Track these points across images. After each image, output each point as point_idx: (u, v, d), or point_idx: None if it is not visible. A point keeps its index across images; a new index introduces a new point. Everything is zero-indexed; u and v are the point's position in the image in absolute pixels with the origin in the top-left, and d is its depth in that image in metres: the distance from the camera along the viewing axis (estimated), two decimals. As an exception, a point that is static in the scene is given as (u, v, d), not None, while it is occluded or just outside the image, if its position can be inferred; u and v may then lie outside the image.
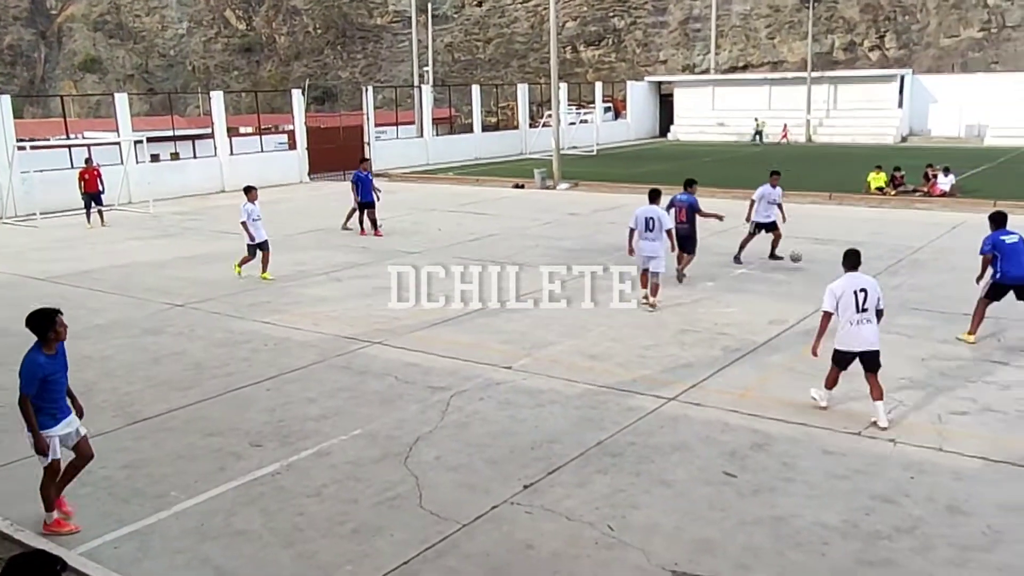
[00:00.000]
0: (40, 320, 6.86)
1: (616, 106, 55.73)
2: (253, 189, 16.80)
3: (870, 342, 8.91)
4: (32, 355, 6.81)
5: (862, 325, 8.89)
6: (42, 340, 6.85)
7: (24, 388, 6.74)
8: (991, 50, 59.46)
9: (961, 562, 6.44)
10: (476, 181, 33.40)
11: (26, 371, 6.75)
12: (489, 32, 75.99)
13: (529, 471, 8.07)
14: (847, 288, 8.96)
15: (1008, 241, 11.58)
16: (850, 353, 8.99)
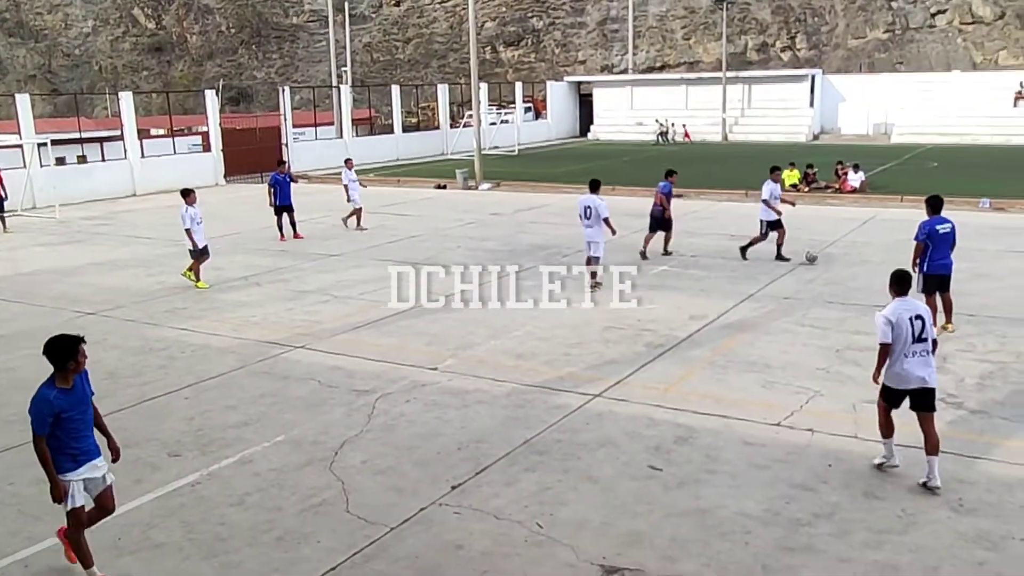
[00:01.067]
0: (59, 348, 5.98)
1: (536, 106, 56.04)
2: (191, 192, 16.01)
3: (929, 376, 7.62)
4: (43, 391, 5.96)
5: (920, 357, 7.60)
6: (59, 371, 5.99)
7: (36, 429, 5.94)
8: (896, 51, 61.77)
9: (877, 545, 6.65)
10: (398, 182, 33.17)
11: (35, 409, 5.94)
12: (408, 32, 75.58)
13: (457, 472, 8.04)
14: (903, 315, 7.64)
15: (941, 231, 11.67)
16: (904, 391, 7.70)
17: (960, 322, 12.36)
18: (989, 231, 19.68)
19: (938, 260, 11.66)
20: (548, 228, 21.59)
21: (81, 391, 6.13)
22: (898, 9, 62.26)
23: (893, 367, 7.65)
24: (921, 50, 61.03)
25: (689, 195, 26.83)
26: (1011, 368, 10.45)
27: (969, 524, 6.89)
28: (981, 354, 11.00)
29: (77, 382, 6.09)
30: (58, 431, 5.99)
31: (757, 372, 10.54)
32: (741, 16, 64.61)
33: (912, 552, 6.53)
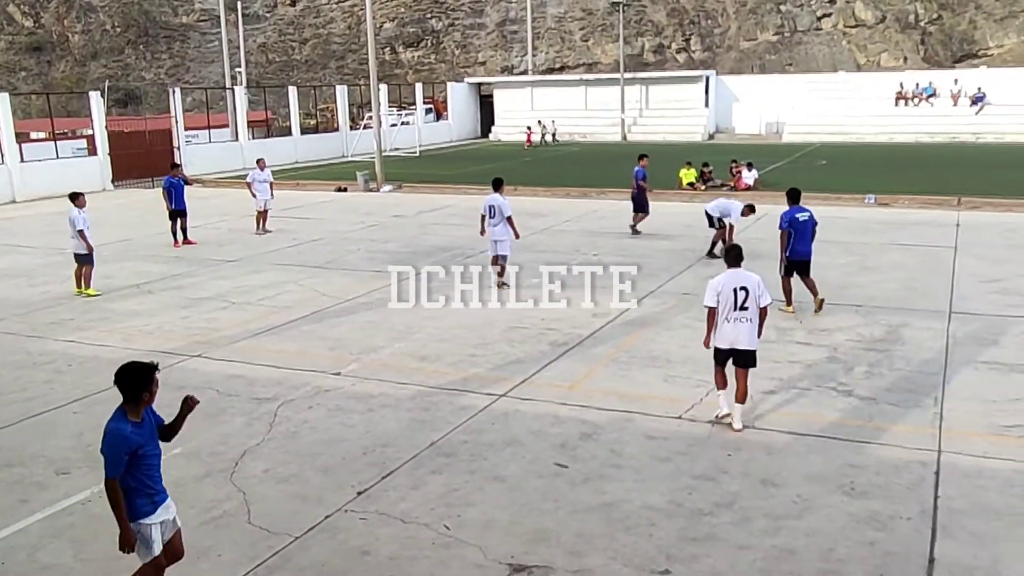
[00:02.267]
0: (135, 377, 5.41)
1: (437, 107, 55.86)
2: (81, 195, 15.71)
3: (749, 339, 8.71)
4: (118, 427, 5.33)
5: (739, 323, 8.67)
6: (131, 403, 5.41)
7: (110, 470, 5.29)
8: (785, 52, 64.02)
9: (775, 531, 6.85)
10: (296, 185, 32.54)
11: (111, 447, 5.27)
12: (304, 32, 74.30)
13: (362, 477, 7.93)
14: (726, 286, 8.71)
15: (801, 219, 12.87)
16: (726, 350, 8.81)
17: (848, 312, 12.88)
18: (874, 226, 20.57)
19: (800, 248, 12.88)
20: (451, 229, 21.54)
21: (150, 424, 5.58)
22: (786, 12, 64.58)
23: (719, 329, 8.77)
24: (809, 52, 63.44)
25: (590, 195, 27.24)
26: (896, 356, 10.93)
27: (860, 506, 7.17)
28: (869, 343, 11.48)
29: (145, 415, 5.54)
30: (134, 470, 5.38)
31: (659, 367, 10.74)
32: (637, 18, 65.90)
33: (808, 536, 6.75)
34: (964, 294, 13.91)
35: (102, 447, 5.33)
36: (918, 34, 62.17)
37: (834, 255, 17.17)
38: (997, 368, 10.42)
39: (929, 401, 9.42)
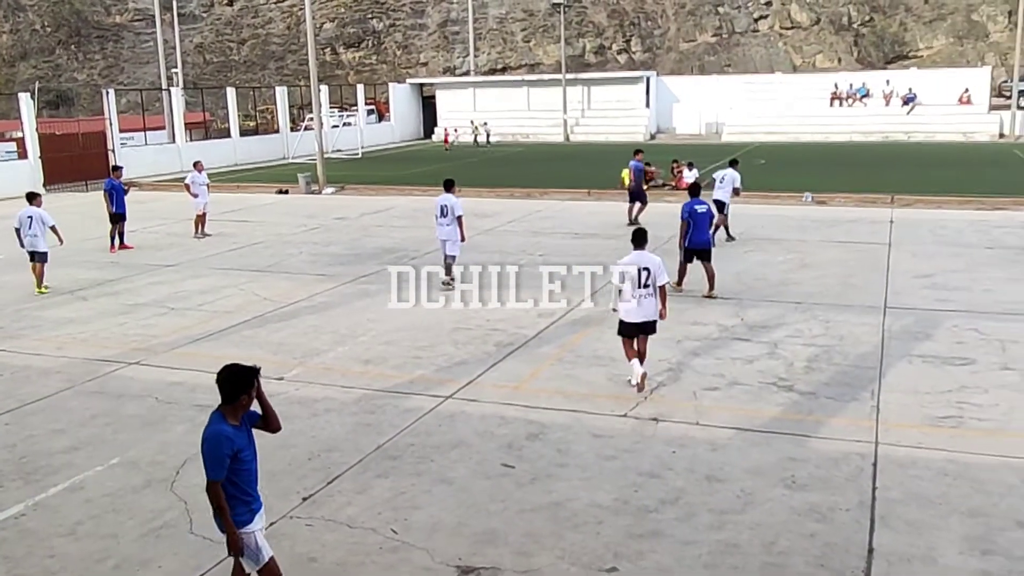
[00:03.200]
0: (236, 379, 5.24)
1: (379, 108, 55.54)
2: (37, 196, 16.43)
3: (652, 312, 9.76)
4: (218, 427, 5.19)
5: (644, 299, 9.70)
6: (229, 405, 5.26)
7: (212, 472, 5.17)
8: (724, 54, 65.08)
9: (719, 525, 6.95)
10: (236, 187, 32.05)
11: (212, 449, 5.14)
12: (243, 33, 73.23)
13: (307, 482, 7.83)
14: (631, 266, 9.73)
15: (699, 210, 13.87)
16: (634, 324, 9.75)
17: (788, 310, 13.13)
18: (812, 223, 21.01)
19: (698, 237, 13.82)
20: (395, 231, 21.42)
21: (248, 429, 5.42)
22: (724, 14, 65.65)
23: (628, 307, 9.74)
24: (746, 53, 64.59)
25: (534, 195, 27.32)
26: (835, 351, 11.18)
27: (801, 499, 7.31)
28: (808, 339, 11.71)
29: (243, 419, 5.38)
30: (232, 475, 5.24)
31: (604, 366, 10.82)
32: (579, 19, 66.35)
33: (751, 529, 6.86)
34: (898, 289, 14.28)
35: (202, 449, 5.21)
36: (851, 36, 63.72)
37: (773, 253, 17.51)
38: (930, 361, 10.71)
39: (866, 394, 9.64)
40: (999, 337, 11.52)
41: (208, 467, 5.19)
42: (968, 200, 23.24)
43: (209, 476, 5.19)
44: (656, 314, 9.81)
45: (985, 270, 15.58)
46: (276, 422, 5.66)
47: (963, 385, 9.85)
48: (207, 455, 5.19)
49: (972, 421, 8.86)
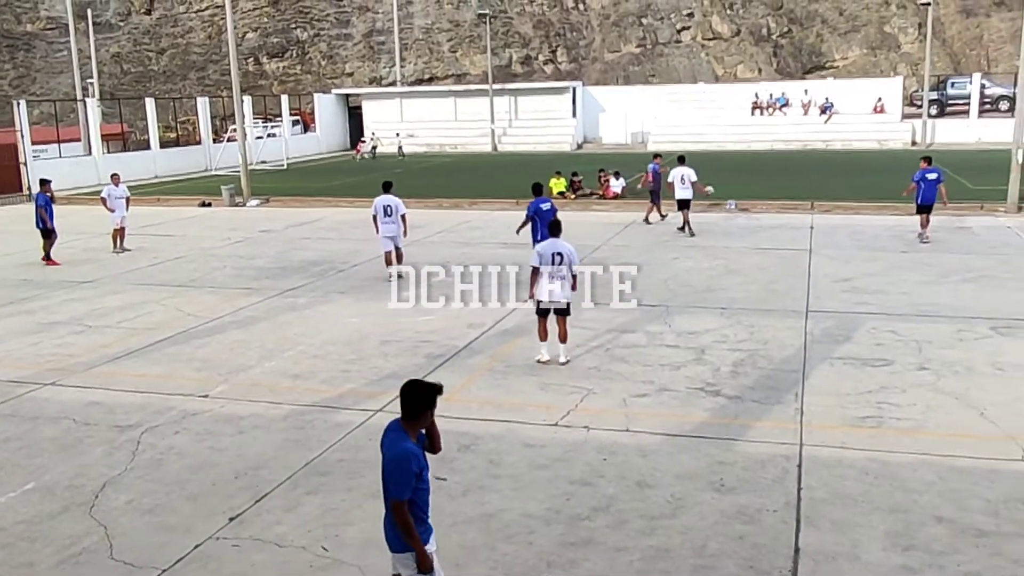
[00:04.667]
0: (424, 395, 5.03)
1: (304, 119, 54.83)
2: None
3: (564, 295, 10.83)
4: (406, 445, 4.94)
5: (556, 282, 10.80)
6: (411, 421, 5.03)
7: (400, 492, 4.90)
8: (648, 64, 66.14)
9: (651, 531, 7.00)
10: (157, 200, 31.25)
11: (402, 467, 4.88)
12: (162, 42, 71.57)
13: (234, 502, 7.65)
14: (547, 251, 10.85)
15: (544, 208, 14.91)
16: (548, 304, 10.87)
17: (713, 315, 13.37)
18: (735, 230, 21.45)
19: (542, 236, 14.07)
20: (321, 243, 21.15)
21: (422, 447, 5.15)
22: (648, 25, 66.75)
23: (541, 286, 10.85)
24: (670, 63, 65.77)
25: (462, 205, 27.29)
26: (759, 355, 11.40)
27: (729, 502, 7.42)
28: (733, 344, 11.93)
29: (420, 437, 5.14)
30: (413, 495, 4.98)
31: (535, 375, 10.84)
32: (504, 30, 66.69)
33: (682, 534, 6.94)
34: (819, 294, 14.66)
35: (389, 468, 4.93)
36: (770, 47, 65.41)
37: (699, 260, 17.81)
38: (851, 363, 11.01)
39: (790, 397, 9.86)
40: (915, 338, 11.91)
41: (396, 487, 4.92)
42: (884, 206, 24.01)
43: (396, 496, 4.92)
44: (568, 296, 10.89)
45: (901, 273, 16.11)
46: (439, 443, 5.41)
47: (882, 385, 10.15)
48: (396, 474, 4.91)
49: (892, 420, 9.13)
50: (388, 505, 5.01)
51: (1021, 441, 8.48)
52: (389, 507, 5.00)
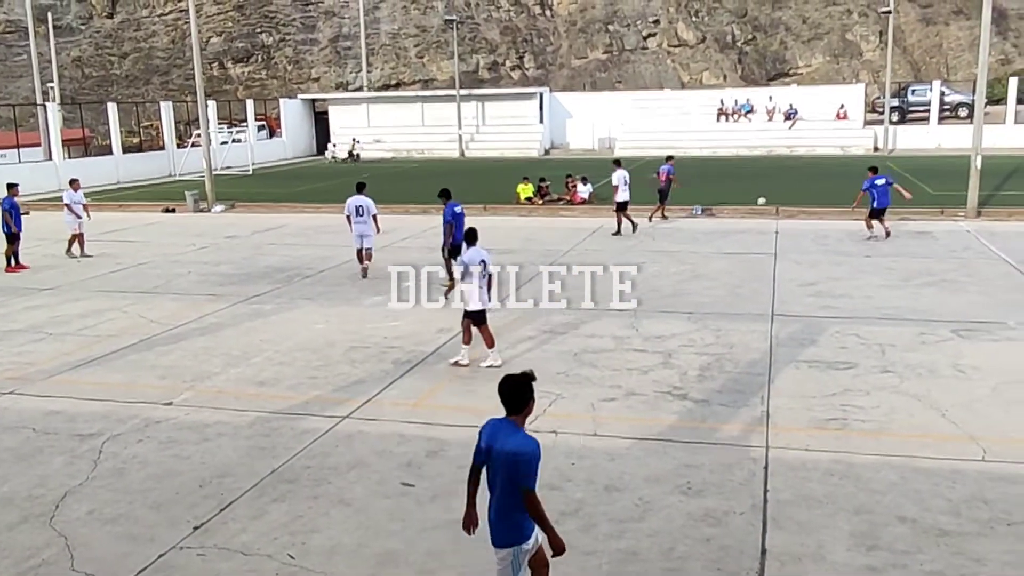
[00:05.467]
0: (524, 387, 5.27)
1: (270, 124, 54.43)
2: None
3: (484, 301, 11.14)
4: (532, 440, 5.19)
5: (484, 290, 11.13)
6: (518, 415, 5.27)
7: (533, 482, 5.13)
8: (615, 70, 66.53)
9: (619, 534, 7.02)
10: (119, 207, 30.83)
11: (534, 460, 5.13)
12: (124, 46, 70.72)
13: (199, 511, 7.54)
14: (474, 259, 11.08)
15: (458, 211, 15.72)
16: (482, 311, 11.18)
17: (680, 319, 13.45)
18: (702, 235, 21.61)
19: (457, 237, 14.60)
20: (287, 249, 20.98)
21: None
22: (615, 32, 67.17)
23: (465, 293, 11.14)
24: (636, 70, 66.22)
25: (430, 211, 27.21)
26: (726, 359, 11.49)
27: (697, 505, 7.45)
28: (700, 348, 12.01)
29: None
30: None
31: (502, 380, 10.80)
32: (472, 36, 66.72)
33: (650, 537, 6.96)
34: (784, 298, 14.81)
35: (525, 460, 5.11)
36: (735, 54, 66.10)
37: (666, 264, 17.91)
38: (816, 366, 11.13)
39: (756, 400, 9.94)
40: (878, 341, 12.07)
41: (530, 478, 5.13)
42: (847, 211, 24.31)
43: (530, 486, 5.13)
44: (484, 303, 11.17)
45: (864, 277, 16.32)
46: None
47: (847, 388, 10.26)
48: (533, 465, 5.14)
49: (856, 423, 9.23)
50: (507, 499, 5.19)
51: (982, 441, 8.62)
52: (513, 500, 5.17)
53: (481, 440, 5.40)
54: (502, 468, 5.18)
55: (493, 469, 5.29)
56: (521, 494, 5.15)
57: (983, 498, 7.47)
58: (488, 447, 5.31)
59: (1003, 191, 27.61)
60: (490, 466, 5.33)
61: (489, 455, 5.31)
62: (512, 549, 5.30)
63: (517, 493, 5.16)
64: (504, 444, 5.19)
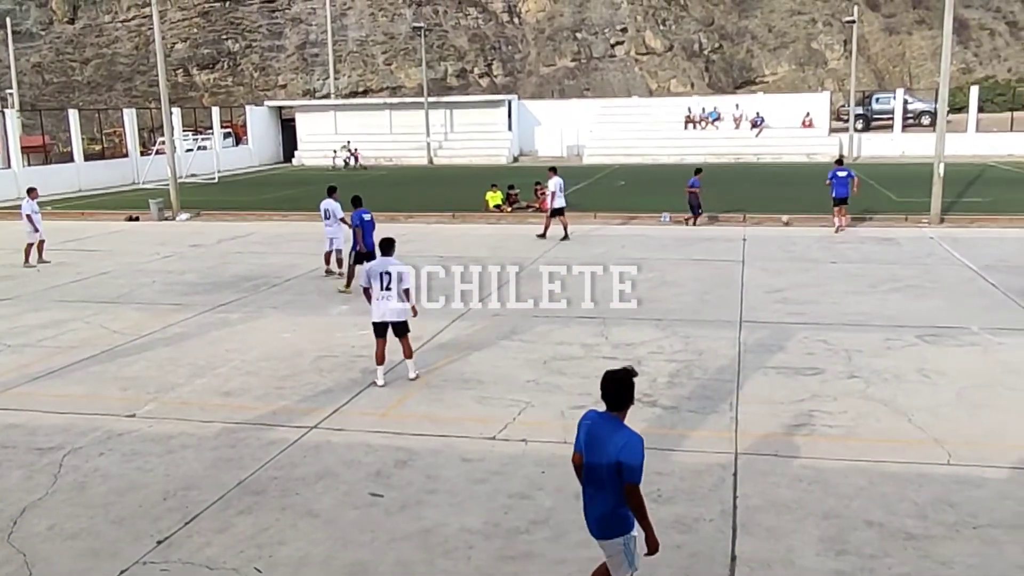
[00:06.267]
0: (627, 382, 5.36)
1: (236, 131, 53.98)
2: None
3: (396, 313, 10.71)
4: (635, 433, 5.27)
5: (385, 301, 10.64)
6: (621, 411, 5.36)
7: (638, 477, 5.19)
8: (583, 78, 66.84)
9: (588, 543, 6.90)
10: (81, 215, 30.36)
11: (641, 456, 5.19)
12: (86, 52, 69.81)
13: (163, 524, 7.40)
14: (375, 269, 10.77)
15: (367, 218, 16.16)
16: (380, 323, 10.77)
17: (649, 326, 13.47)
18: (670, 242, 21.70)
19: (368, 241, 15.64)
20: (254, 258, 20.76)
21: None
22: (582, 40, 67.51)
23: (373, 306, 10.76)
24: (604, 78, 66.57)
25: (398, 219, 27.11)
26: (695, 365, 11.52)
27: (667, 512, 7.44)
28: (669, 355, 12.03)
29: None
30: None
31: (472, 389, 10.77)
32: (440, 43, 66.69)
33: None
34: (753, 304, 14.89)
35: (634, 454, 5.18)
36: (702, 62, 66.69)
37: (635, 271, 17.92)
38: (784, 372, 11.19)
39: (725, 406, 9.96)
40: (845, 347, 12.17)
41: (636, 472, 5.19)
42: (814, 217, 24.57)
43: (636, 481, 5.20)
44: (400, 315, 10.72)
45: (831, 284, 16.47)
46: None
47: (814, 394, 10.33)
48: (637, 462, 5.19)
49: (823, 428, 9.29)
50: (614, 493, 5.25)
51: (947, 445, 8.71)
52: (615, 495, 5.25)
53: (581, 432, 5.49)
54: (608, 463, 5.23)
55: (595, 464, 5.32)
56: (624, 488, 5.22)
57: (949, 501, 7.54)
58: (591, 440, 5.37)
59: (965, 198, 28.04)
60: (591, 460, 5.36)
61: (591, 449, 5.35)
62: (624, 538, 5.38)
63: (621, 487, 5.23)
64: (610, 439, 5.26)
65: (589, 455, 5.38)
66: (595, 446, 5.33)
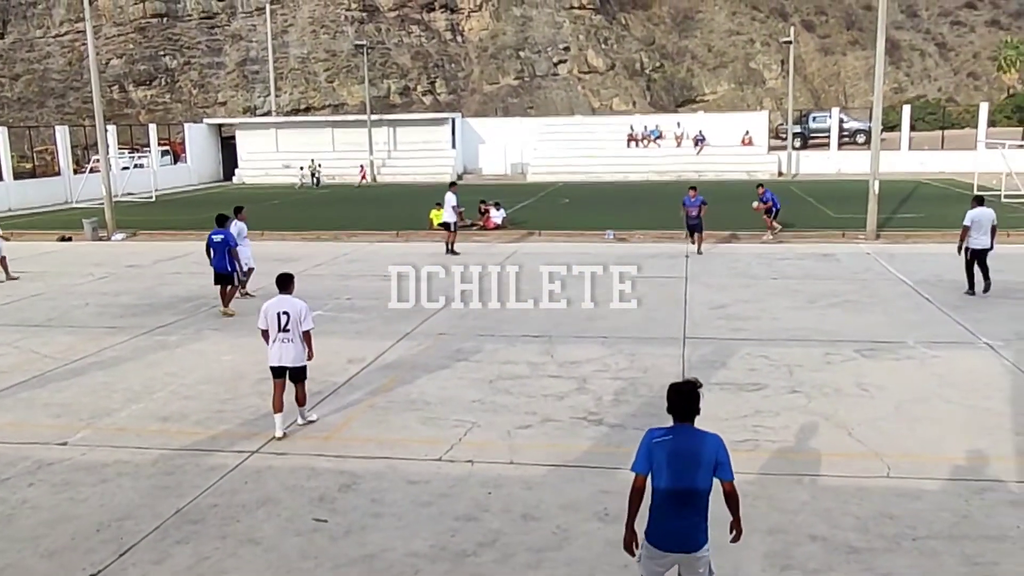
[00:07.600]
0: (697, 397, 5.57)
1: (175, 149, 53.07)
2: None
3: (293, 358, 9.73)
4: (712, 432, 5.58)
5: (281, 344, 9.71)
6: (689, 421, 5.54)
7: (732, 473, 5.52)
8: (526, 96, 67.23)
9: (537, 564, 6.92)
10: (10, 235, 29.36)
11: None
12: (16, 67, 68.05)
13: (96, 557, 7.14)
14: (272, 309, 9.78)
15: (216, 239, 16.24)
16: (277, 367, 9.79)
17: (595, 344, 13.49)
18: (614, 260, 21.80)
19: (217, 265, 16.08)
20: (193, 278, 20.33)
21: None
22: (526, 58, 67.97)
23: (270, 349, 9.79)
24: (548, 96, 67.08)
25: (341, 237, 26.87)
26: (640, 383, 11.55)
27: (615, 531, 7.35)
28: (615, 373, 12.05)
29: None
30: None
31: (417, 410, 10.64)
32: (383, 60, 66.53)
33: (568, 565, 6.88)
34: (696, 321, 15.03)
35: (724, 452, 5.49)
36: (644, 81, 67.62)
37: (581, 290, 17.96)
38: (727, 388, 11.28)
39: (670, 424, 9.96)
40: (786, 362, 12.34)
41: (730, 468, 5.49)
42: (755, 234, 24.97)
43: (732, 476, 5.51)
44: (298, 359, 9.76)
45: (772, 300, 16.71)
46: None
47: (757, 409, 10.43)
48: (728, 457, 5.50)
49: (767, 443, 9.37)
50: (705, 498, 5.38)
51: (886, 458, 8.85)
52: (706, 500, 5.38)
53: (656, 452, 5.47)
54: (706, 465, 5.39)
55: (681, 472, 5.36)
56: (724, 486, 5.47)
57: (889, 514, 7.64)
58: (676, 454, 5.40)
59: (900, 214, 28.79)
60: (674, 472, 5.37)
61: (679, 461, 5.38)
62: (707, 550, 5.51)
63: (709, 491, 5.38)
64: (703, 445, 5.46)
65: (676, 468, 5.38)
66: (685, 457, 5.40)
